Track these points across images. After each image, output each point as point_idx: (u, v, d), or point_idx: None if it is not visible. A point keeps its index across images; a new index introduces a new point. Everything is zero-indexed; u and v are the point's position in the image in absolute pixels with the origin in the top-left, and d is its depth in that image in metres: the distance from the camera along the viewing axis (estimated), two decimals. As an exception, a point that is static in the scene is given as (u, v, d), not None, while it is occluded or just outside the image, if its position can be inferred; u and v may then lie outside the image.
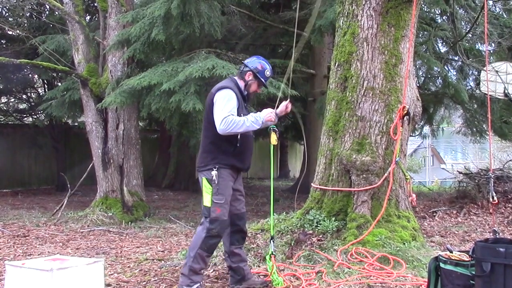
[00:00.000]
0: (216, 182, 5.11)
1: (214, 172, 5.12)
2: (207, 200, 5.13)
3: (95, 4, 13.50)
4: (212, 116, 5.15)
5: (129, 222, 10.66)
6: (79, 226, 10.23)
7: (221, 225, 5.14)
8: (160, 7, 9.66)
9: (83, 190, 14.51)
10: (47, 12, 17.12)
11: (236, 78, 5.49)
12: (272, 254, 5.53)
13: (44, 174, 19.79)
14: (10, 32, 17.10)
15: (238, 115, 5.15)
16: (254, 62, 5.49)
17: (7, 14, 17.35)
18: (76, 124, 17.97)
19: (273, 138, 5.66)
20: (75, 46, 12.02)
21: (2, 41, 18.05)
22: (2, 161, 18.33)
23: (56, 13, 14.18)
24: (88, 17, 16.91)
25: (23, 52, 15.70)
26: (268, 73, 5.51)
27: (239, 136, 5.26)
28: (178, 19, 9.77)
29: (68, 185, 11.97)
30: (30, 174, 19.58)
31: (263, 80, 5.50)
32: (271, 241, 5.61)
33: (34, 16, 16.77)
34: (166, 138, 20.86)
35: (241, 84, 5.44)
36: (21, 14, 15.79)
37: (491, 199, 5.62)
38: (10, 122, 20.80)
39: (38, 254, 7.67)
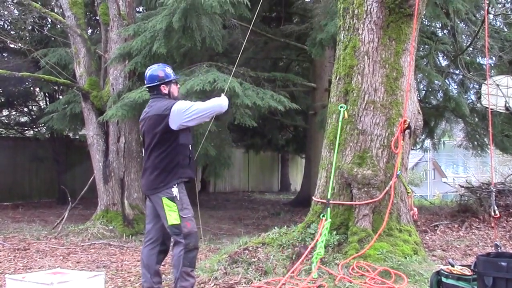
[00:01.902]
0: (179, 198, 5.21)
1: (174, 189, 5.22)
2: (174, 218, 5.19)
3: (97, 18, 13.55)
4: (168, 133, 5.26)
5: (130, 236, 10.62)
6: (79, 239, 10.20)
7: (196, 237, 5.24)
8: (162, 21, 9.69)
9: (84, 203, 14.47)
10: (49, 26, 17.16)
11: (159, 98, 5.53)
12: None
13: (45, 187, 19.73)
14: (12, 45, 17.15)
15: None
16: (153, 76, 5.56)
17: (9, 27, 17.41)
18: (77, 137, 17.98)
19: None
20: (76, 59, 12.05)
21: (4, 54, 18.11)
22: (3, 174, 18.29)
23: (58, 26, 14.22)
24: (90, 31, 16.95)
25: (24, 65, 15.72)
26: (168, 69, 5.64)
27: (190, 147, 5.43)
28: (179, 33, 9.79)
29: (69, 198, 11.95)
30: (31, 187, 19.53)
31: (173, 79, 5.65)
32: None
33: (36, 30, 16.82)
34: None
35: (169, 97, 5.55)
36: (23, 27, 15.84)
37: (492, 213, 5.62)
38: (11, 135, 20.80)
39: (39, 268, 7.65)
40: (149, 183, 5.36)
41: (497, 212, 5.65)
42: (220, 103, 5.39)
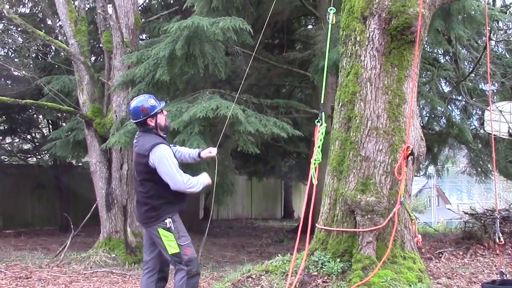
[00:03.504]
0: (174, 228, 5.23)
1: (168, 220, 5.23)
2: (173, 248, 5.21)
3: (101, 45, 13.64)
4: (150, 173, 5.28)
5: (133, 264, 10.56)
6: (82, 267, 10.14)
7: (196, 263, 5.28)
8: (165, 48, 9.74)
9: (87, 230, 14.43)
10: (52, 53, 17.31)
11: (146, 134, 5.52)
12: None
13: (47, 215, 19.69)
14: (16, 73, 17.25)
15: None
16: (137, 110, 5.47)
17: (13, 55, 17.53)
18: (80, 164, 17.99)
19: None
20: (80, 86, 12.11)
21: (7, 81, 18.19)
22: (5, 202, 18.28)
23: (62, 54, 14.34)
24: (93, 58, 17.08)
25: (28, 93, 15.80)
26: (151, 100, 5.51)
27: None
28: (182, 60, 9.84)
29: (72, 226, 11.92)
30: (34, 214, 19.50)
31: (159, 110, 5.53)
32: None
33: (40, 57, 16.95)
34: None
35: (156, 132, 5.52)
36: (27, 55, 15.95)
37: (497, 240, 5.58)
38: (14, 162, 20.84)
39: (40, 296, 7.60)
40: (141, 216, 5.43)
41: (502, 239, 5.61)
42: (186, 184, 5.32)
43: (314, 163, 6.14)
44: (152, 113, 5.44)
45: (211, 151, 6.05)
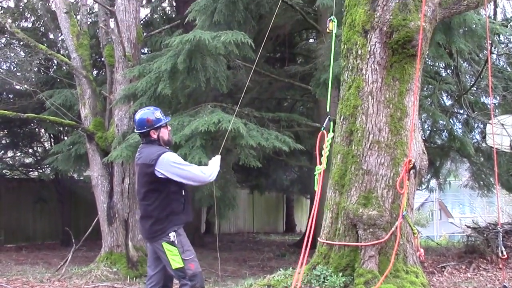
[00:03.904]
0: (177, 242, 5.20)
1: (172, 234, 5.20)
2: (177, 262, 5.17)
3: (103, 59, 13.67)
4: (155, 183, 5.26)
5: (134, 278, 10.52)
6: (83, 282, 10.10)
7: (201, 277, 5.24)
8: (167, 62, 9.76)
9: (88, 244, 14.39)
10: (55, 67, 17.35)
11: (149, 145, 5.52)
12: None
13: (48, 229, 19.64)
14: (18, 87, 17.29)
15: None
16: (142, 121, 5.49)
17: (15, 69, 17.57)
18: (81, 178, 17.98)
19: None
20: (82, 100, 12.13)
21: (9, 95, 18.22)
22: (7, 216, 18.25)
23: (64, 68, 14.37)
24: (95, 72, 17.12)
25: (30, 107, 15.83)
26: (157, 113, 5.55)
27: (183, 192, 5.38)
28: (184, 74, 9.86)
29: (73, 240, 11.89)
30: (35, 228, 19.45)
31: (164, 123, 5.56)
32: None
33: (42, 71, 16.98)
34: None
35: (159, 143, 5.53)
36: (29, 69, 15.99)
37: (500, 254, 5.55)
38: (15, 176, 20.83)
39: (41, 311, 7.57)
40: (145, 231, 5.39)
41: (504, 253, 5.58)
42: (207, 176, 5.39)
43: (318, 170, 6.13)
44: (156, 126, 5.46)
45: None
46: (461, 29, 11.11)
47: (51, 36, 17.67)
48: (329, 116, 6.51)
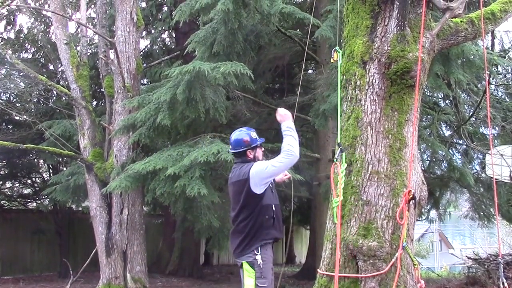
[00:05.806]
0: (259, 265, 5.12)
1: (258, 257, 5.13)
2: (249, 285, 5.10)
3: (102, 90, 13.73)
4: (250, 197, 5.30)
5: (132, 310, 10.43)
6: (80, 313, 10.01)
7: None
8: (166, 93, 9.80)
9: (86, 276, 14.26)
10: (54, 98, 17.38)
11: (243, 164, 5.58)
12: None
13: (46, 260, 19.46)
14: (17, 117, 17.31)
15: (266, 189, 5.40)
16: (239, 141, 5.64)
17: (15, 99, 17.61)
18: (80, 209, 17.89)
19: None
20: (81, 131, 12.15)
21: (9, 126, 18.23)
22: (4, 248, 18.12)
23: (64, 98, 14.40)
24: (94, 102, 17.15)
25: (29, 137, 15.83)
26: (253, 134, 5.72)
27: (274, 207, 5.43)
28: (183, 104, 9.89)
29: (71, 272, 11.81)
30: (33, 260, 19.28)
31: (259, 143, 5.73)
32: None
33: (41, 102, 17.01)
34: (171, 223, 20.60)
35: (254, 162, 5.58)
36: (28, 99, 16.03)
37: (501, 285, 5.50)
38: (13, 207, 20.73)
39: None
40: (235, 248, 5.38)
41: (506, 284, 5.54)
42: (292, 155, 5.53)
43: (336, 203, 6.12)
44: (253, 145, 5.63)
45: (286, 174, 6.16)
46: (459, 60, 11.17)
47: (51, 67, 17.78)
48: (341, 147, 6.49)
